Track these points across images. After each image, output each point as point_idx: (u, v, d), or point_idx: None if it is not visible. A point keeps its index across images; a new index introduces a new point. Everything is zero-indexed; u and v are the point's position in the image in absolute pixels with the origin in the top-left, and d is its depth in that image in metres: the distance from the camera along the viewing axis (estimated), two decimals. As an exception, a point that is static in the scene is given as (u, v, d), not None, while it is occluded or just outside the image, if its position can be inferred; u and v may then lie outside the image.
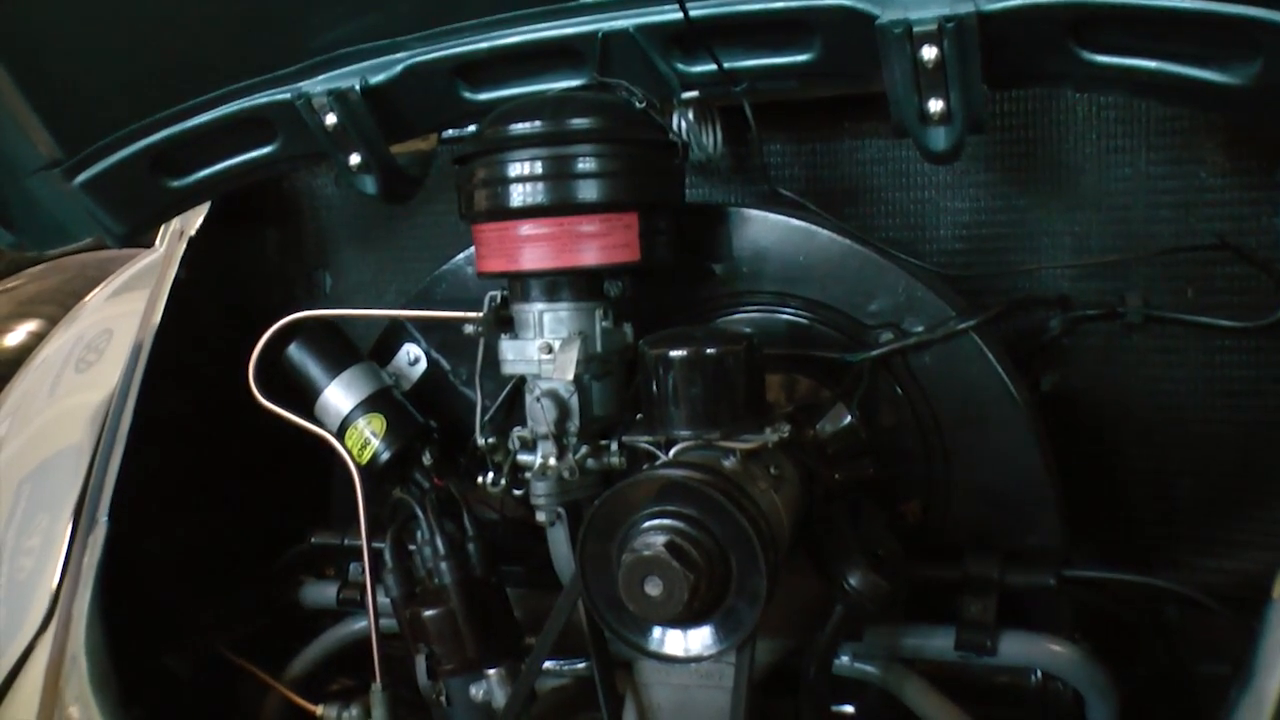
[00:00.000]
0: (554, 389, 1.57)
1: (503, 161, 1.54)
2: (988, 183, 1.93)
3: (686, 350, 1.44)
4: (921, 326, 1.67)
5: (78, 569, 1.80)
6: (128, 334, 2.10)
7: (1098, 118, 1.86)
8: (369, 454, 1.81)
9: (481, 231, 1.61)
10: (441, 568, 1.70)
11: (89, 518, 1.85)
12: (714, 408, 1.44)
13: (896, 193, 1.98)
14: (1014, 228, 1.93)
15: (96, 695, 1.65)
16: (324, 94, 1.70)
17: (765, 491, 1.41)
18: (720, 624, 1.33)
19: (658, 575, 1.26)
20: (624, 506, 1.34)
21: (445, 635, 1.67)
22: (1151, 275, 1.86)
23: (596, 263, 1.55)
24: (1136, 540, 1.94)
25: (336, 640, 2.03)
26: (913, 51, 1.40)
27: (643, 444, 1.49)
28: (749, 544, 1.29)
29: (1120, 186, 1.87)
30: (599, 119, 1.54)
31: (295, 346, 1.88)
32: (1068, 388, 1.92)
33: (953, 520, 1.73)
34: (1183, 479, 1.91)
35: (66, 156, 1.84)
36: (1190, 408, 1.89)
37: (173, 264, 2.16)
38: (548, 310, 1.58)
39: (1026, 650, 1.64)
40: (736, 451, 1.41)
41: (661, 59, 1.60)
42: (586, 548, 1.37)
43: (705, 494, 1.30)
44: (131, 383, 1.99)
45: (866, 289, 1.69)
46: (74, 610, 1.75)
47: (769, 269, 1.74)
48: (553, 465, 1.56)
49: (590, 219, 1.53)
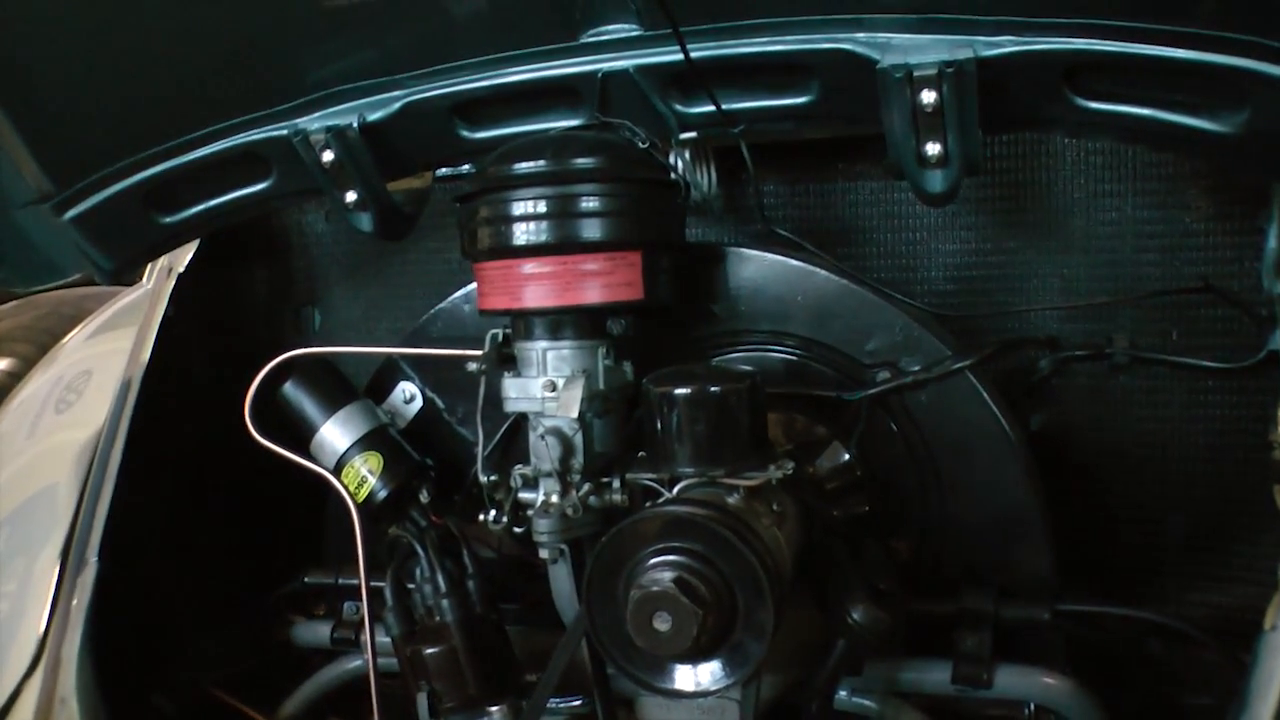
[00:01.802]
0: (558, 426, 1.57)
1: (506, 200, 1.55)
2: (978, 225, 1.97)
3: (691, 388, 1.45)
4: (918, 365, 1.69)
5: (66, 610, 1.77)
6: (108, 374, 2.08)
7: (1086, 163, 1.90)
8: (366, 492, 1.81)
9: (484, 269, 1.61)
10: (443, 605, 1.69)
11: (77, 558, 1.83)
12: (718, 445, 1.45)
13: (888, 234, 2.01)
14: (1004, 269, 1.97)
15: None
16: (321, 131, 1.69)
17: (769, 528, 1.42)
18: (727, 658, 1.34)
19: (667, 610, 1.28)
20: (630, 543, 1.35)
21: (447, 673, 1.66)
22: (1138, 317, 1.90)
23: (600, 301, 1.56)
24: (1124, 575, 1.97)
25: (330, 679, 2.02)
26: (912, 96, 1.43)
27: (646, 481, 1.50)
28: (755, 579, 1.30)
29: (1107, 230, 1.91)
30: (603, 158, 1.55)
31: (291, 384, 1.88)
32: (1056, 426, 1.95)
33: (947, 555, 1.75)
34: (1169, 516, 1.95)
35: (57, 191, 1.82)
36: (1175, 446, 1.92)
37: (161, 301, 2.14)
38: (551, 348, 1.59)
39: (1021, 683, 1.66)
40: (740, 488, 1.42)
41: (660, 99, 1.62)
42: (593, 583, 1.37)
43: (712, 530, 1.31)
44: (120, 420, 1.97)
45: (863, 328, 1.71)
46: (63, 653, 1.73)
47: (766, 308, 1.75)
48: (556, 502, 1.56)
49: (594, 258, 1.54)
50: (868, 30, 1.46)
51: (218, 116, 1.74)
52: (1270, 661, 1.28)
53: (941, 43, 1.42)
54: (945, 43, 1.42)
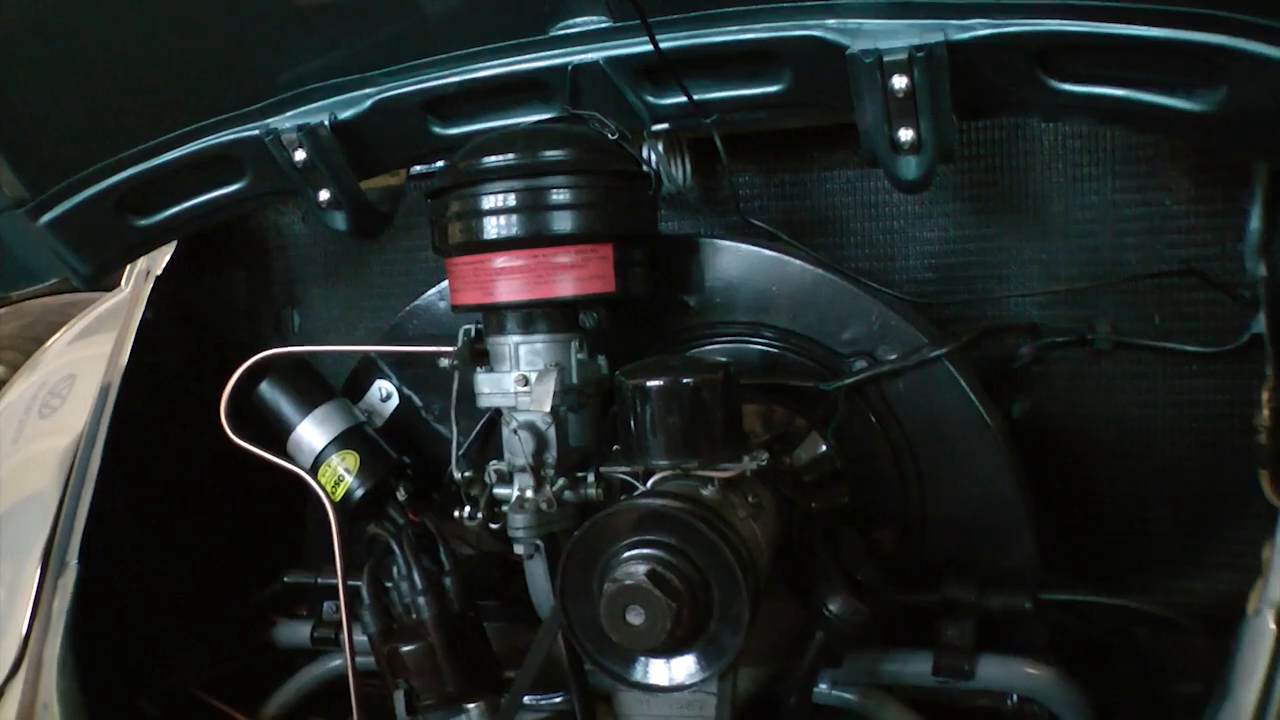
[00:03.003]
0: (531, 421, 1.56)
1: (476, 195, 1.54)
2: (956, 212, 1.95)
3: (663, 380, 1.43)
4: (895, 354, 1.68)
5: (48, 613, 1.77)
6: (91, 378, 2.07)
7: (1063, 147, 1.88)
8: (343, 491, 1.80)
9: (456, 265, 1.60)
10: (419, 603, 1.68)
11: (58, 561, 1.82)
12: (692, 437, 1.43)
13: (865, 223, 1.99)
14: (982, 256, 1.95)
15: None
16: (293, 130, 1.69)
17: (744, 520, 1.41)
18: (703, 652, 1.33)
19: (640, 604, 1.27)
20: (604, 536, 1.34)
21: (424, 670, 1.65)
22: (1119, 302, 1.89)
23: (572, 294, 1.55)
24: (1108, 563, 1.95)
25: (312, 679, 2.01)
26: (883, 81, 1.42)
27: (620, 475, 1.49)
28: (730, 571, 1.29)
29: (1087, 214, 1.89)
30: (573, 151, 1.54)
31: (267, 384, 1.86)
32: (1038, 414, 1.93)
33: (928, 545, 1.73)
34: (1153, 502, 1.93)
35: (31, 196, 1.81)
36: (1159, 432, 1.91)
37: (139, 304, 2.13)
38: (523, 343, 1.58)
39: (1004, 674, 1.65)
40: (715, 480, 1.41)
41: (631, 91, 1.61)
42: (567, 578, 1.36)
43: (686, 522, 1.30)
44: (100, 424, 1.96)
45: (839, 318, 1.70)
46: (44, 655, 1.72)
47: (742, 299, 1.74)
48: (530, 497, 1.55)
49: (566, 250, 1.53)
50: (838, 16, 1.45)
51: (189, 118, 1.74)
52: (1253, 647, 1.27)
53: (912, 27, 1.41)
54: (915, 27, 1.41)
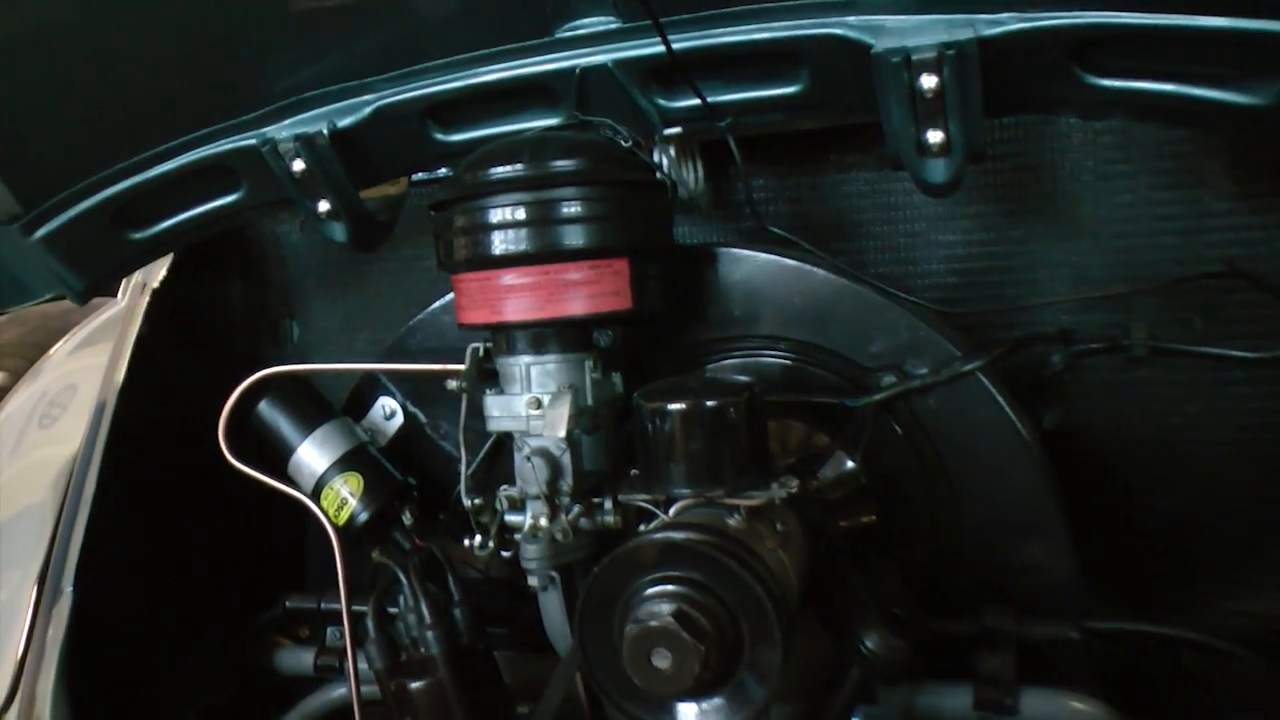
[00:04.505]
0: (545, 447, 1.49)
1: (482, 208, 1.46)
2: (981, 214, 1.87)
3: (685, 403, 1.35)
4: (925, 368, 1.60)
5: (41, 643, 1.72)
6: (92, 389, 2.03)
7: (1094, 143, 1.79)
8: (346, 515, 1.73)
9: (462, 281, 1.53)
10: (428, 636, 1.62)
11: (53, 587, 1.77)
12: (716, 463, 1.35)
13: (886, 227, 1.91)
14: (1010, 260, 1.87)
15: None
16: (290, 139, 1.64)
17: (773, 550, 1.33)
18: (733, 695, 1.25)
19: (666, 646, 1.19)
20: (625, 573, 1.26)
21: (433, 708, 1.59)
22: (1156, 306, 1.79)
23: (586, 312, 1.47)
24: (1149, 583, 1.87)
25: (315, 709, 1.95)
26: (911, 81, 1.35)
27: (640, 502, 1.41)
28: (761, 609, 1.22)
29: (1120, 214, 1.80)
30: (583, 160, 1.46)
31: (266, 404, 1.80)
32: (1071, 425, 1.85)
33: (961, 568, 1.66)
34: (1196, 518, 1.84)
35: (24, 211, 1.76)
36: (1201, 442, 1.82)
37: (135, 318, 2.08)
38: (535, 363, 1.50)
39: (1050, 708, 1.56)
40: (741, 509, 1.34)
41: (641, 94, 1.55)
42: (585, 617, 1.28)
43: (713, 558, 1.23)
44: (95, 444, 1.91)
45: (866, 330, 1.62)
46: (38, 687, 1.68)
47: (762, 312, 1.66)
48: (544, 526, 1.48)
49: (578, 266, 1.45)
50: (859, 13, 1.39)
51: (184, 129, 1.69)
52: None
53: (939, 23, 1.35)
54: (943, 23, 1.34)
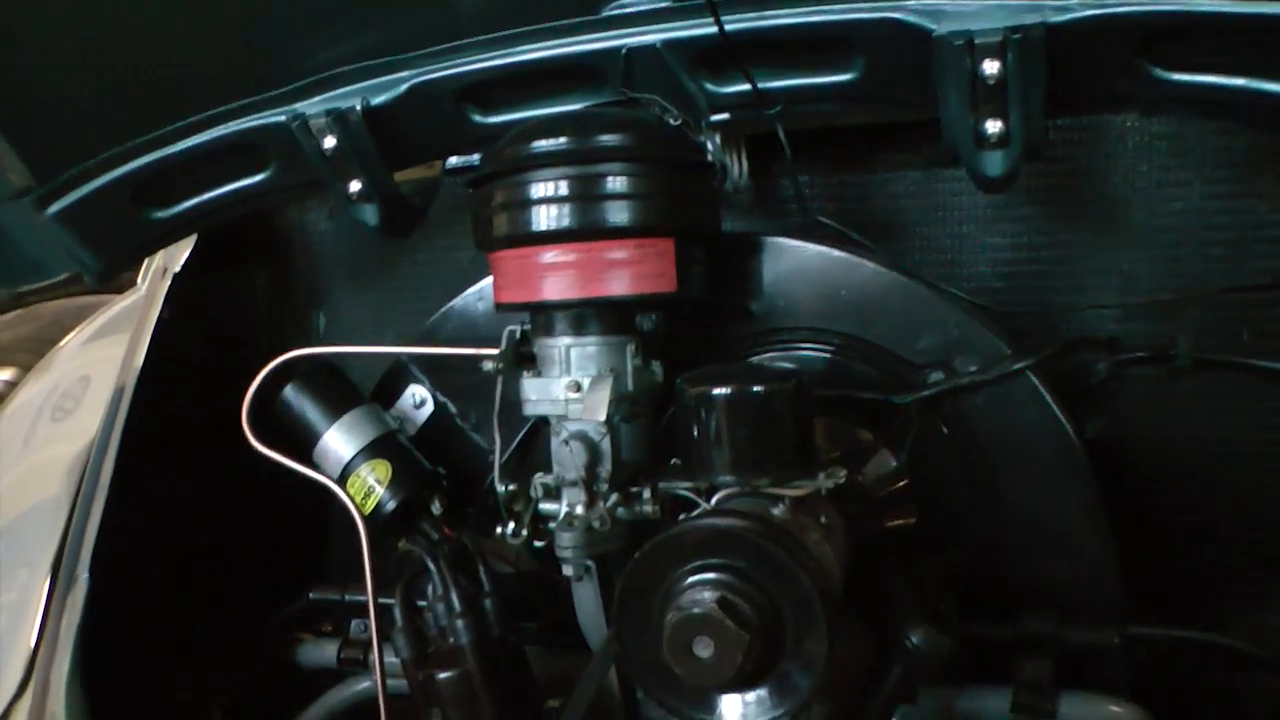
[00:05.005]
0: (583, 431, 1.45)
1: (524, 182, 1.43)
2: (1030, 216, 1.83)
3: (731, 389, 1.33)
4: (974, 366, 1.56)
5: (56, 630, 1.67)
6: (107, 380, 1.98)
7: (1149, 148, 1.76)
8: (373, 503, 1.69)
9: (500, 259, 1.49)
10: (457, 626, 1.57)
11: (67, 574, 1.72)
12: (760, 452, 1.33)
13: (932, 227, 1.87)
14: (1058, 265, 1.83)
15: None
16: (322, 115, 1.58)
17: (817, 543, 1.29)
18: (775, 687, 1.20)
19: (708, 635, 1.15)
20: (667, 559, 1.22)
21: (461, 700, 1.55)
22: (1203, 317, 1.76)
23: (628, 293, 1.43)
24: (1186, 596, 1.82)
25: (338, 702, 1.91)
26: (973, 66, 1.31)
27: (681, 491, 1.37)
28: (807, 599, 1.18)
29: (1171, 222, 1.76)
30: (631, 136, 1.43)
31: (292, 388, 1.77)
32: (1112, 435, 1.81)
33: (1002, 571, 1.61)
34: (1235, 533, 1.80)
35: (37, 184, 1.70)
36: (1243, 457, 1.78)
37: (155, 303, 2.03)
38: (574, 345, 1.47)
39: (1088, 713, 1.54)
40: (786, 499, 1.29)
41: (689, 78, 1.50)
42: (624, 604, 1.24)
43: (758, 545, 1.19)
44: (113, 429, 1.86)
45: (914, 325, 1.59)
46: (52, 676, 1.62)
47: (807, 303, 1.63)
48: (580, 514, 1.44)
49: (622, 245, 1.42)
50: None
51: (210, 103, 1.63)
52: None
53: (1004, 8, 1.30)
54: (1008, 8, 1.30)
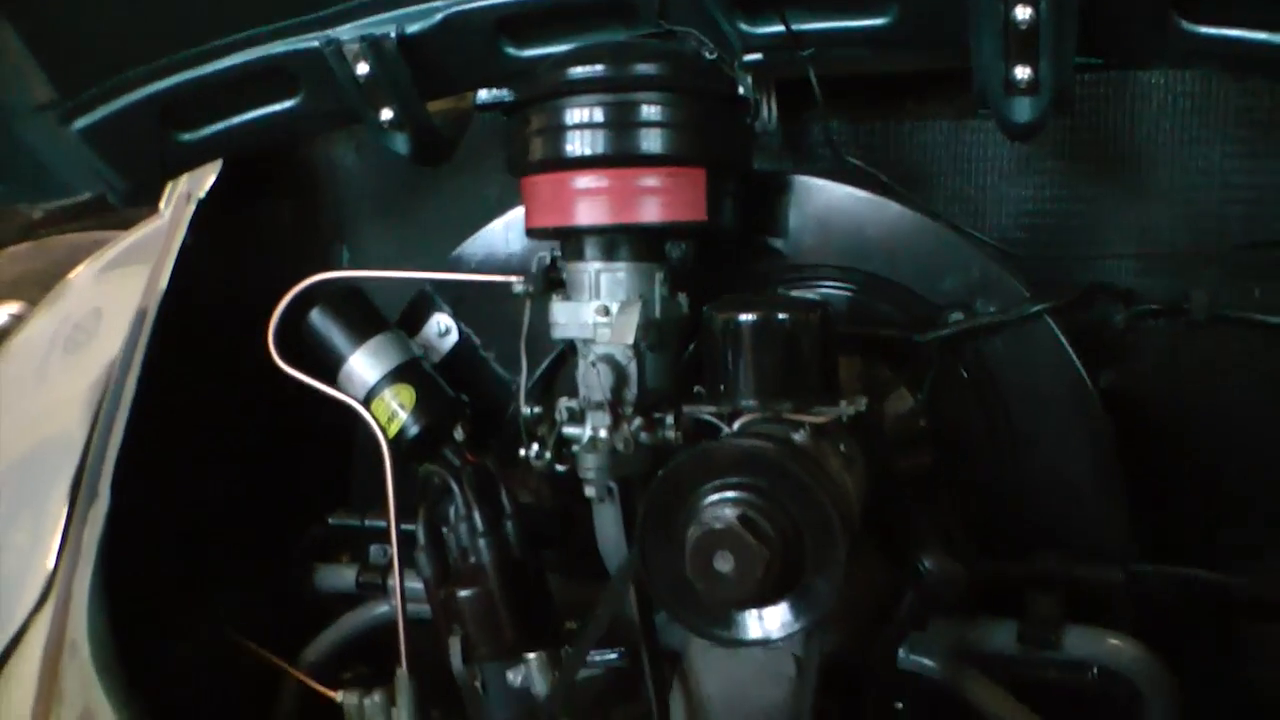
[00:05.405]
0: (611, 354, 1.47)
1: (561, 108, 1.45)
2: (1054, 170, 1.85)
3: (758, 315, 1.36)
4: (994, 308, 1.58)
5: (77, 545, 1.67)
6: (120, 314, 1.95)
7: (1173, 106, 1.78)
8: (396, 428, 1.71)
9: (533, 184, 1.51)
10: (479, 544, 1.58)
11: (89, 491, 1.72)
12: (785, 378, 1.35)
13: (958, 178, 1.88)
14: (1079, 218, 1.84)
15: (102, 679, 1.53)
16: (356, 41, 1.59)
17: (838, 471, 1.31)
18: (795, 603, 1.23)
19: (729, 549, 1.18)
20: (692, 477, 1.25)
21: (482, 618, 1.56)
22: (1219, 274, 1.78)
23: (660, 220, 1.46)
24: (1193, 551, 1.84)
25: (355, 626, 1.91)
26: (1006, 11, 1.32)
27: (705, 415, 1.39)
28: (827, 519, 1.20)
29: (1193, 179, 1.78)
30: (668, 66, 1.45)
31: (318, 312, 1.78)
32: (1125, 387, 1.83)
33: (1015, 515, 1.64)
34: (1245, 488, 1.82)
35: (63, 98, 1.69)
36: (1255, 412, 1.80)
37: (180, 228, 2.01)
38: (605, 270, 1.49)
39: (1090, 646, 1.57)
40: (807, 425, 1.32)
41: (724, 17, 1.52)
42: (647, 520, 1.27)
43: (780, 465, 1.22)
44: (135, 350, 1.85)
45: (938, 266, 1.61)
46: (74, 588, 1.62)
47: (834, 242, 1.65)
48: (604, 437, 1.46)
49: (655, 172, 1.44)
50: (957, -61, 1.36)
51: (243, 24, 1.63)
52: None
53: None
54: None
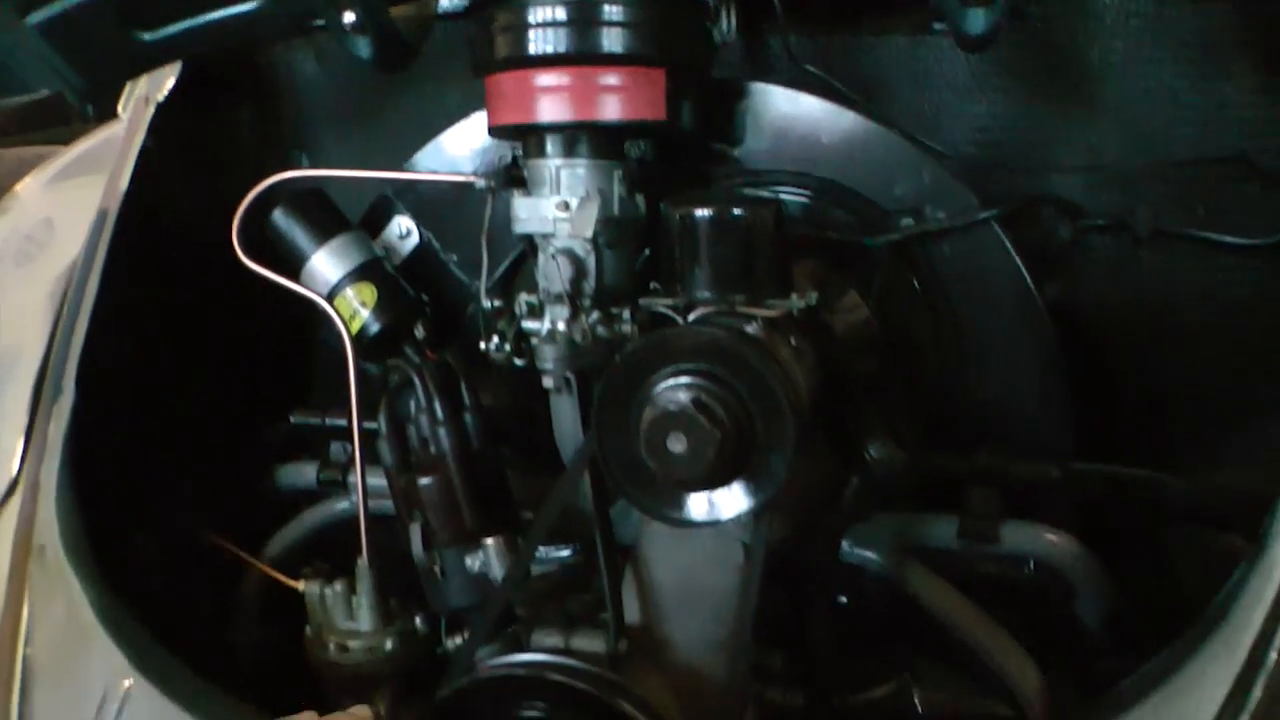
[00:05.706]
0: (570, 248, 1.51)
1: (525, 6, 1.47)
2: (1007, 88, 1.86)
3: (712, 209, 1.38)
4: (944, 214, 1.62)
5: (43, 437, 1.68)
6: (75, 221, 1.94)
7: (1125, 26, 1.79)
8: (358, 325, 1.74)
9: (496, 82, 1.53)
10: (439, 434, 1.61)
11: (53, 387, 1.73)
12: (738, 270, 1.38)
13: (913, 93, 1.89)
14: (1030, 134, 1.86)
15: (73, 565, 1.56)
16: None
17: (789, 360, 1.35)
18: (746, 484, 1.27)
19: (683, 431, 1.22)
20: (646, 363, 1.28)
21: (441, 504, 1.59)
22: (1165, 192, 1.81)
23: (620, 118, 1.49)
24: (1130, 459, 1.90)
25: (315, 521, 1.94)
26: (960, -81, 1.35)
27: (660, 308, 1.42)
28: (777, 406, 1.24)
29: (1142, 98, 1.81)
30: (630, -35, 1.46)
31: (280, 211, 1.80)
32: (1068, 299, 1.87)
33: (961, 420, 1.68)
34: (1181, 399, 1.87)
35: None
36: (1193, 325, 1.85)
37: (140, 130, 2.00)
38: (564, 166, 1.52)
39: (1027, 540, 1.62)
40: (759, 318, 1.35)
41: (683, -79, 1.54)
42: (604, 405, 1.30)
43: (734, 352, 1.25)
44: (97, 251, 1.86)
45: (890, 172, 1.65)
46: (41, 476, 1.64)
47: (789, 148, 1.68)
48: (563, 329, 1.50)
49: (615, 71, 1.47)
50: None
51: (205, -80, 1.60)
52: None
53: None
54: None
